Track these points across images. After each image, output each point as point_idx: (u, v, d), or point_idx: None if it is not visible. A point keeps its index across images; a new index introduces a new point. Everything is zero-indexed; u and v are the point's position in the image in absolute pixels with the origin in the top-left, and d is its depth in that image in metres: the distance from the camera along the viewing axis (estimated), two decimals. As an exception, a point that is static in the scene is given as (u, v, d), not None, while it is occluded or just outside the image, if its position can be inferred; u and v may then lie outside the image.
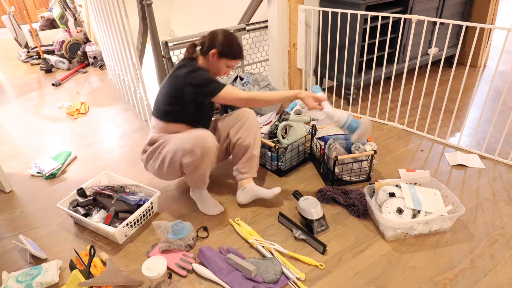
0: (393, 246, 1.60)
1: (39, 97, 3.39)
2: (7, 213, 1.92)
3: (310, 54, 2.88)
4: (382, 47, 2.69)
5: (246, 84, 2.64)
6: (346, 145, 1.97)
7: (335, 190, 1.87)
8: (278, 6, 2.64)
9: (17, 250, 1.66)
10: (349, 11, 2.41)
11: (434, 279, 1.45)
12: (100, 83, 3.69)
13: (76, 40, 4.26)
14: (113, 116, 2.93)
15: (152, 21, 2.38)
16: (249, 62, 3.05)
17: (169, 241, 1.59)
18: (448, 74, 3.29)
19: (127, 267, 1.55)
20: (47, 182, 2.15)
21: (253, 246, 1.62)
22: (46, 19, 5.37)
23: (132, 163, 2.28)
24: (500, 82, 3.18)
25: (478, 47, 3.34)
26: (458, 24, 2.08)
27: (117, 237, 1.63)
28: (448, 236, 1.64)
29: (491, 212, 1.76)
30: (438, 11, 2.97)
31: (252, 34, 2.95)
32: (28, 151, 2.49)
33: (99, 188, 1.85)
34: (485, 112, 2.68)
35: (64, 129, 2.77)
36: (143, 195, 1.83)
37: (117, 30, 2.58)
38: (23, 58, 4.40)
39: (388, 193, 1.71)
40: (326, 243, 1.59)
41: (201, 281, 1.48)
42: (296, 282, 1.44)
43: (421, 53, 2.44)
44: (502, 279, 1.44)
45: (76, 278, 1.41)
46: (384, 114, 2.66)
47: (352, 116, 1.69)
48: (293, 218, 1.72)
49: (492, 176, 2.02)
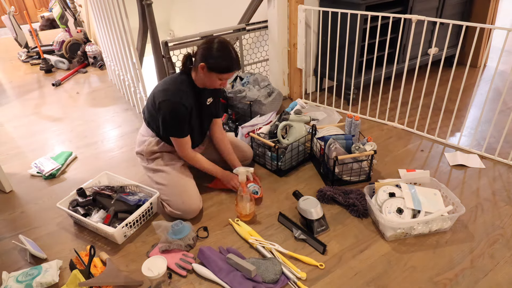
0: (393, 246, 1.60)
1: (39, 97, 3.39)
2: (7, 213, 1.92)
3: (310, 54, 2.88)
4: (382, 47, 2.69)
5: (246, 84, 2.63)
6: (346, 145, 1.96)
7: (335, 190, 1.87)
8: (278, 6, 2.63)
9: (17, 250, 1.66)
10: (349, 11, 2.41)
11: (434, 279, 1.44)
12: (100, 83, 3.69)
13: (76, 40, 4.26)
14: (113, 116, 2.93)
15: (152, 21, 2.38)
16: (249, 62, 3.05)
17: (169, 241, 1.59)
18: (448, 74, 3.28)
19: (127, 267, 1.55)
20: (47, 182, 2.15)
21: (253, 246, 1.62)
22: (46, 19, 5.38)
23: (132, 163, 2.28)
24: (500, 82, 3.18)
25: (478, 47, 3.34)
26: (458, 24, 2.08)
27: (116, 237, 1.62)
28: (448, 236, 1.64)
29: (491, 212, 1.76)
30: (438, 11, 2.97)
31: (252, 34, 2.95)
32: (28, 151, 2.49)
33: (98, 188, 1.85)
34: (485, 112, 2.67)
35: (64, 129, 2.77)
36: (142, 195, 1.83)
37: (117, 30, 2.58)
38: (23, 58, 4.40)
39: (388, 193, 1.71)
40: (326, 243, 1.58)
41: (201, 281, 1.48)
42: (296, 282, 1.44)
43: (421, 53, 2.43)
44: (502, 279, 1.44)
45: (76, 278, 1.40)
46: (384, 114, 2.66)
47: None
48: (293, 218, 1.72)
49: (492, 176, 2.02)
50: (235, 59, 1.63)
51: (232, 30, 2.78)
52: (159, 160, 1.83)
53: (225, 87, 1.70)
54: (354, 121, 2.26)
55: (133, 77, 2.70)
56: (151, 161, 1.85)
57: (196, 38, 2.58)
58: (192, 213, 1.75)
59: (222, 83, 1.69)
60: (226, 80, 1.69)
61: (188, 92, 1.69)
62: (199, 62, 1.63)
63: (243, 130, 2.26)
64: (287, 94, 3.05)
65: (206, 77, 1.66)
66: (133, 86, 2.79)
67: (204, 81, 1.69)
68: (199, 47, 1.64)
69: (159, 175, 1.81)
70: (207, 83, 1.69)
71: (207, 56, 1.60)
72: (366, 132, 2.50)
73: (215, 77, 1.64)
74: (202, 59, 1.61)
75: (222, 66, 1.61)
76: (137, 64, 2.53)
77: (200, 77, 1.68)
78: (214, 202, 1.91)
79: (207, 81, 1.68)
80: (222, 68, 1.61)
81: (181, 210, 1.73)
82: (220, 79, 1.66)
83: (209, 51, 1.60)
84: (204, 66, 1.61)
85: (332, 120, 2.64)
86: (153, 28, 2.41)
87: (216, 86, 1.71)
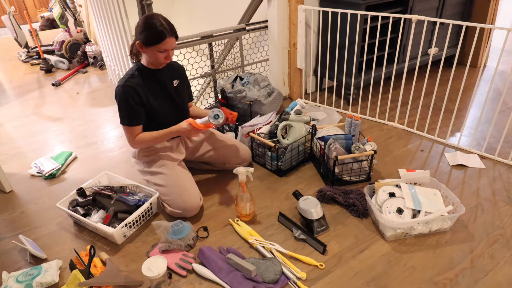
0: (393, 246, 1.59)
1: (39, 97, 3.39)
2: (7, 213, 1.92)
3: (310, 54, 2.88)
4: (382, 47, 2.69)
5: (246, 84, 2.63)
6: (346, 145, 1.96)
7: (335, 190, 1.87)
8: (278, 6, 2.63)
9: (17, 250, 1.66)
10: (349, 11, 2.41)
11: (434, 279, 1.44)
12: (100, 83, 3.69)
13: (76, 40, 4.27)
14: (113, 116, 2.93)
15: (152, 21, 2.38)
16: (249, 62, 3.04)
17: (169, 241, 1.59)
18: (448, 74, 3.27)
19: (127, 267, 1.55)
20: (47, 182, 2.15)
21: (253, 246, 1.62)
22: (46, 19, 5.38)
23: (132, 163, 2.27)
24: (500, 82, 3.18)
25: (478, 47, 3.34)
26: (458, 24, 2.08)
27: (116, 237, 1.62)
28: (448, 236, 1.64)
29: (491, 212, 1.76)
30: (438, 11, 2.97)
31: (252, 34, 2.95)
32: (28, 151, 2.49)
33: (98, 188, 1.85)
34: (485, 112, 2.67)
35: (64, 129, 2.77)
36: (142, 195, 1.83)
37: (117, 30, 2.58)
38: (23, 58, 4.40)
39: (388, 193, 1.71)
40: (326, 243, 1.58)
41: (201, 281, 1.47)
42: (296, 282, 1.44)
43: (421, 53, 2.44)
44: (502, 279, 1.44)
45: (76, 278, 1.40)
46: (384, 114, 2.66)
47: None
48: (293, 218, 1.72)
49: (492, 176, 2.02)
50: (165, 26, 1.59)
51: (232, 30, 2.78)
52: (155, 162, 1.83)
53: (170, 60, 1.68)
54: (354, 121, 2.26)
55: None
56: (146, 164, 1.85)
57: (196, 38, 2.58)
58: (193, 211, 1.76)
59: (166, 56, 1.66)
60: (168, 52, 1.64)
61: (136, 75, 1.70)
62: (136, 41, 1.64)
63: (243, 130, 2.26)
64: (287, 94, 3.05)
65: (148, 54, 1.65)
66: (133, 86, 2.78)
67: (149, 59, 1.69)
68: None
69: (157, 177, 1.81)
70: (153, 61, 1.68)
71: (137, 33, 1.61)
72: (366, 132, 2.50)
73: (155, 50, 1.61)
74: (137, 37, 1.63)
75: (153, 36, 1.58)
76: (137, 64, 2.53)
77: (144, 57, 1.70)
78: (214, 202, 1.91)
79: (151, 58, 1.67)
80: (153, 39, 1.58)
81: (181, 208, 1.73)
82: (160, 51, 1.62)
83: (138, 28, 1.61)
84: (140, 44, 1.62)
85: (332, 120, 2.64)
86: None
87: (161, 60, 1.67)
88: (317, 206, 1.66)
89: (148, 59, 1.70)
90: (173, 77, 1.83)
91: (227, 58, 2.97)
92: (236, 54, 2.97)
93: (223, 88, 2.60)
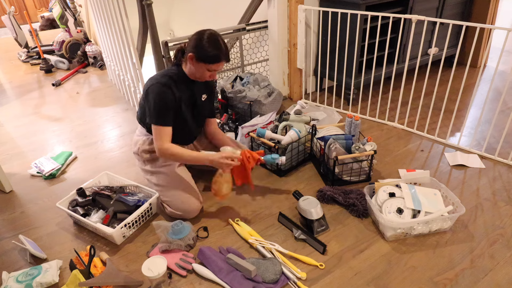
0: (393, 246, 1.59)
1: (39, 97, 3.39)
2: (7, 213, 1.92)
3: (310, 54, 2.88)
4: (382, 47, 2.69)
5: (246, 84, 2.63)
6: (346, 145, 1.96)
7: (335, 190, 1.87)
8: (278, 6, 2.63)
9: (17, 250, 1.66)
10: (349, 11, 2.41)
11: (434, 279, 1.44)
12: (100, 83, 3.69)
13: (76, 40, 4.26)
14: (113, 116, 2.93)
15: (152, 21, 2.38)
16: (249, 62, 3.05)
17: (169, 241, 1.59)
18: (448, 74, 3.29)
19: (127, 267, 1.55)
20: (47, 182, 2.15)
21: (253, 246, 1.62)
22: (46, 19, 5.37)
23: (132, 163, 2.27)
24: (500, 82, 3.18)
25: (478, 47, 3.34)
26: (458, 24, 2.08)
27: (115, 237, 1.62)
28: (448, 236, 1.64)
29: (491, 212, 1.76)
30: (438, 11, 2.97)
31: (252, 34, 2.95)
32: (28, 151, 2.49)
33: (98, 188, 1.85)
34: (485, 112, 2.67)
35: (64, 129, 2.77)
36: (142, 196, 1.83)
37: (117, 30, 2.58)
38: (23, 58, 4.40)
39: (388, 193, 1.71)
40: (326, 243, 1.58)
41: (201, 281, 1.47)
42: (296, 282, 1.44)
43: (421, 53, 2.44)
44: (502, 279, 1.44)
45: (76, 278, 1.40)
46: (384, 114, 2.66)
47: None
48: (293, 218, 1.72)
49: (492, 176, 2.02)
50: (224, 50, 1.62)
51: (232, 30, 2.78)
52: (156, 161, 1.83)
53: (214, 79, 1.68)
54: (354, 121, 2.26)
55: (133, 77, 2.70)
56: (148, 163, 1.85)
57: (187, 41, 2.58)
58: (193, 213, 1.76)
59: (211, 75, 1.69)
60: (215, 72, 1.69)
61: (177, 81, 1.69)
62: (188, 52, 1.64)
63: (243, 130, 2.26)
64: (287, 94, 3.05)
65: (195, 68, 1.66)
66: (133, 86, 2.79)
67: (194, 72, 1.69)
68: (190, 39, 1.65)
69: (157, 176, 1.81)
70: (197, 75, 1.69)
71: (196, 46, 1.61)
72: (366, 132, 2.50)
73: (204, 67, 1.64)
74: (191, 49, 1.62)
75: (210, 56, 1.60)
76: (137, 64, 2.53)
77: (190, 68, 1.69)
78: (214, 202, 1.91)
79: (196, 72, 1.68)
80: (210, 58, 1.61)
81: (181, 210, 1.73)
82: (209, 70, 1.65)
83: (198, 42, 1.61)
84: (193, 56, 1.62)
85: (332, 120, 2.64)
86: (153, 28, 2.41)
87: (206, 78, 1.70)
88: (317, 206, 1.66)
89: (192, 70, 1.69)
90: (204, 91, 1.85)
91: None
92: (236, 54, 2.97)
93: (223, 88, 2.60)
